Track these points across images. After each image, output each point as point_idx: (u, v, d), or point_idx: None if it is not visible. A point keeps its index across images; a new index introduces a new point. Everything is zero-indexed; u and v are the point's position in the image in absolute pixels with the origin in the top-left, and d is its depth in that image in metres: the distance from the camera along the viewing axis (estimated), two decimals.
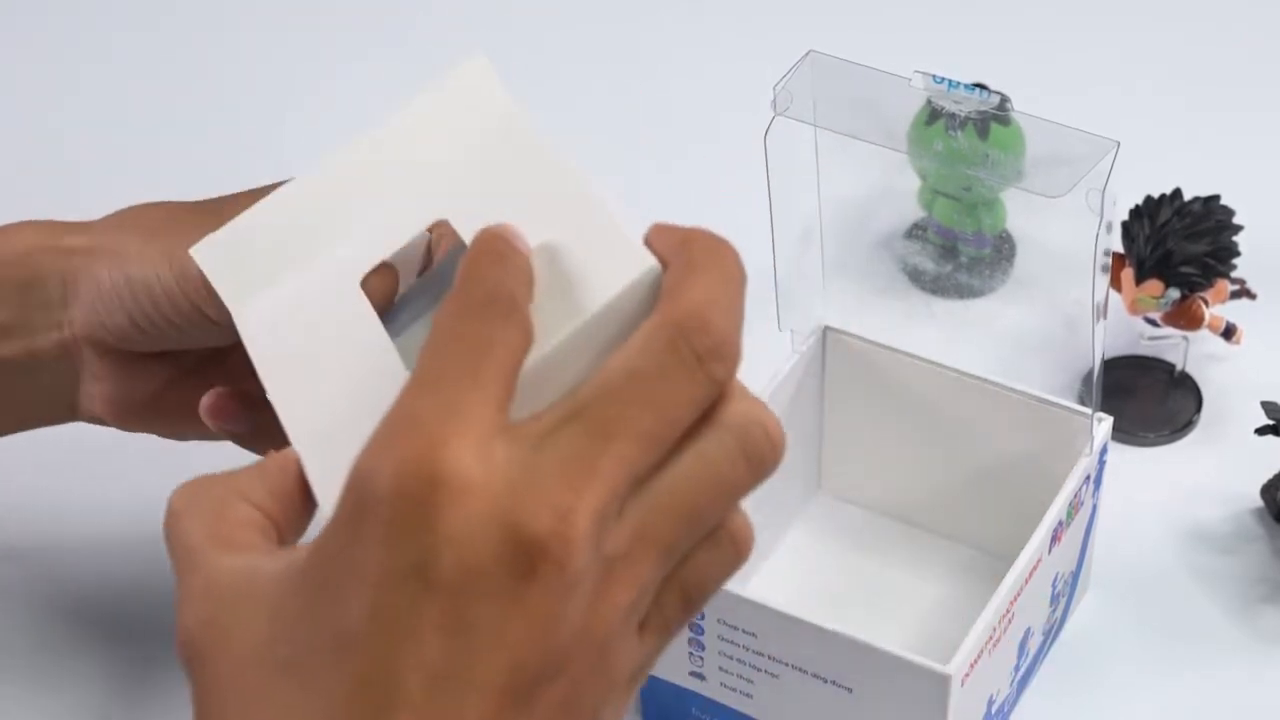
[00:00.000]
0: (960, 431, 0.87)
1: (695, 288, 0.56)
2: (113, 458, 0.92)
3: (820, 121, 0.81)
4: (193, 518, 0.59)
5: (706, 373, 0.55)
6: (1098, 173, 0.76)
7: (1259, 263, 0.97)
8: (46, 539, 0.92)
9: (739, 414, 0.56)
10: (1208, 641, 0.88)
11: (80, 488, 0.94)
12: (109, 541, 0.92)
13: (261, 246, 0.69)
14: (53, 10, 1.21)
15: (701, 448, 0.55)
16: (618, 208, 0.63)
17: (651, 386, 0.54)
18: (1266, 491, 0.92)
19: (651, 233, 0.60)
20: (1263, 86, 1.15)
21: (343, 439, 0.59)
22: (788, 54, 0.82)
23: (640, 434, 0.54)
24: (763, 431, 0.56)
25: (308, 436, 0.62)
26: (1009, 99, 0.84)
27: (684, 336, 0.55)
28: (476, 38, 1.19)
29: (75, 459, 0.93)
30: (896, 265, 1.01)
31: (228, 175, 1.10)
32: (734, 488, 0.56)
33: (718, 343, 0.55)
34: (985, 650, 0.78)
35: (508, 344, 0.55)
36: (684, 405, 0.55)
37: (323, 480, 0.61)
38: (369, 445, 0.54)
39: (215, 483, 0.60)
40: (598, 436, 0.54)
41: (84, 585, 0.90)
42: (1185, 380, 0.98)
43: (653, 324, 0.56)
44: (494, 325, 0.55)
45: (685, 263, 0.58)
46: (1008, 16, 1.19)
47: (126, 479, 0.93)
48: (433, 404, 0.53)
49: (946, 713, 0.77)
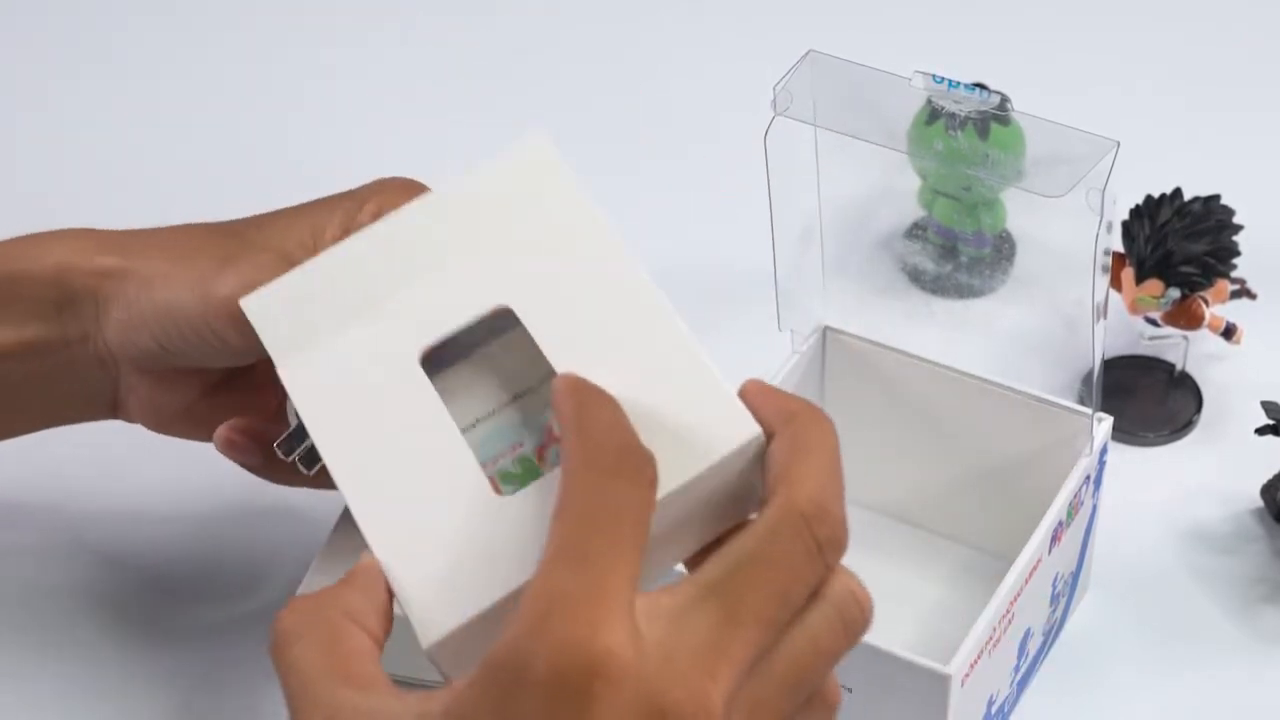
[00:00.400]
0: (960, 431, 0.87)
1: (811, 472, 0.60)
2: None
3: (820, 121, 0.81)
4: (307, 645, 0.60)
5: (825, 560, 0.60)
6: (1098, 173, 0.76)
7: (1259, 263, 0.97)
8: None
9: (839, 589, 0.60)
10: (1208, 641, 0.88)
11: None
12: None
13: (314, 305, 0.68)
14: (52, 10, 1.21)
15: (808, 622, 0.60)
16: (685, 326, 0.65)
17: (778, 573, 0.59)
18: (1266, 491, 0.92)
19: (751, 393, 0.63)
20: (1263, 86, 1.15)
21: (425, 547, 0.61)
22: (788, 54, 0.82)
23: (766, 619, 0.59)
24: (857, 603, 0.61)
25: (391, 545, 0.63)
26: (1009, 99, 0.84)
27: (808, 525, 0.59)
28: (477, 37, 1.19)
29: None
30: (896, 265, 1.01)
31: (228, 175, 1.11)
32: (833, 656, 0.61)
33: (837, 533, 0.60)
34: (985, 650, 0.78)
35: (643, 507, 0.59)
36: (804, 590, 0.60)
37: (410, 590, 0.62)
38: (521, 621, 0.56)
39: (325, 605, 0.61)
40: (729, 621, 0.58)
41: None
42: (1185, 380, 0.98)
43: (778, 511, 0.60)
44: (629, 489, 0.59)
45: (794, 441, 0.62)
46: (1008, 16, 1.19)
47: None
48: (582, 582, 0.56)
49: (947, 713, 0.77)
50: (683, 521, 0.62)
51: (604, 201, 1.08)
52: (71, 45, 1.20)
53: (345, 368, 0.66)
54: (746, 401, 0.63)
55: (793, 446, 0.61)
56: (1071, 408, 0.84)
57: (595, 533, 0.57)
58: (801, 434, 0.62)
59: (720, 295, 1.02)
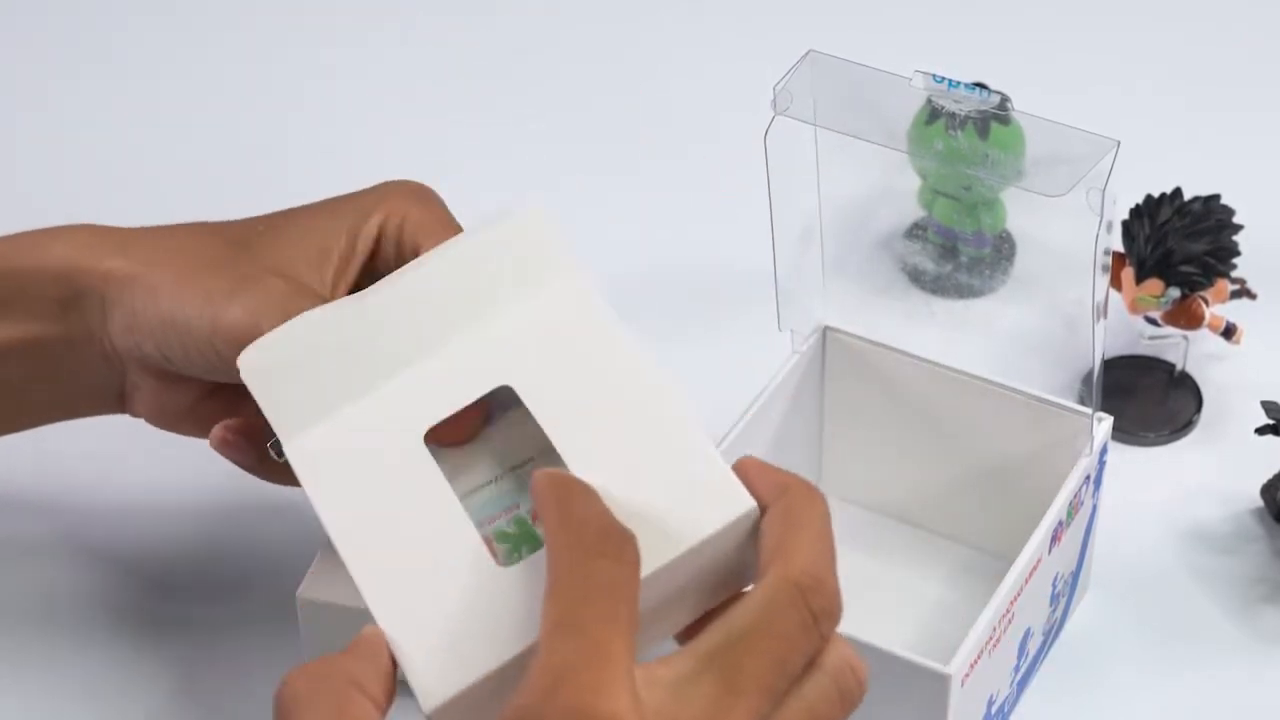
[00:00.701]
0: (960, 431, 0.87)
1: (804, 545, 0.62)
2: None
3: (820, 121, 0.81)
4: (313, 710, 0.62)
5: (820, 630, 0.62)
6: (1098, 172, 0.76)
7: (1259, 263, 0.97)
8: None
9: (835, 658, 0.62)
10: (1208, 641, 0.88)
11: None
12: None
13: (316, 372, 0.70)
14: (53, 10, 1.21)
15: (805, 692, 0.62)
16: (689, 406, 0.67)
17: (775, 643, 0.61)
18: (1266, 491, 0.92)
19: (745, 468, 0.65)
20: (1263, 86, 1.15)
21: (425, 616, 0.63)
22: (788, 54, 0.82)
23: (765, 688, 0.60)
24: (852, 672, 0.63)
25: (394, 614, 0.65)
26: (1009, 99, 0.84)
27: (803, 596, 0.61)
28: (477, 37, 1.19)
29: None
30: (896, 265, 1.00)
31: (228, 175, 1.10)
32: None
33: (831, 604, 0.62)
34: (985, 650, 0.78)
35: (631, 581, 0.61)
36: (801, 660, 0.62)
37: (410, 657, 0.64)
38: (530, 690, 0.58)
39: (331, 671, 0.63)
40: (729, 690, 0.60)
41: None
42: (1185, 380, 0.98)
43: (774, 582, 0.62)
44: (614, 567, 0.61)
45: (788, 514, 0.63)
46: (1008, 16, 1.19)
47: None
48: (583, 652, 0.59)
49: (947, 712, 0.77)
50: (680, 592, 0.64)
51: (604, 201, 1.08)
52: (72, 45, 1.20)
53: (348, 442, 0.68)
54: (740, 475, 0.65)
55: (786, 520, 0.63)
56: (1071, 408, 0.84)
57: (588, 606, 0.60)
58: (794, 507, 0.64)
59: (720, 295, 1.02)
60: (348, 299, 0.71)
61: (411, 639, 0.64)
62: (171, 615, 0.89)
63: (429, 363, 0.69)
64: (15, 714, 0.86)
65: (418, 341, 0.69)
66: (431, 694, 0.63)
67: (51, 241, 0.81)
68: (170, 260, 0.79)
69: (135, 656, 0.87)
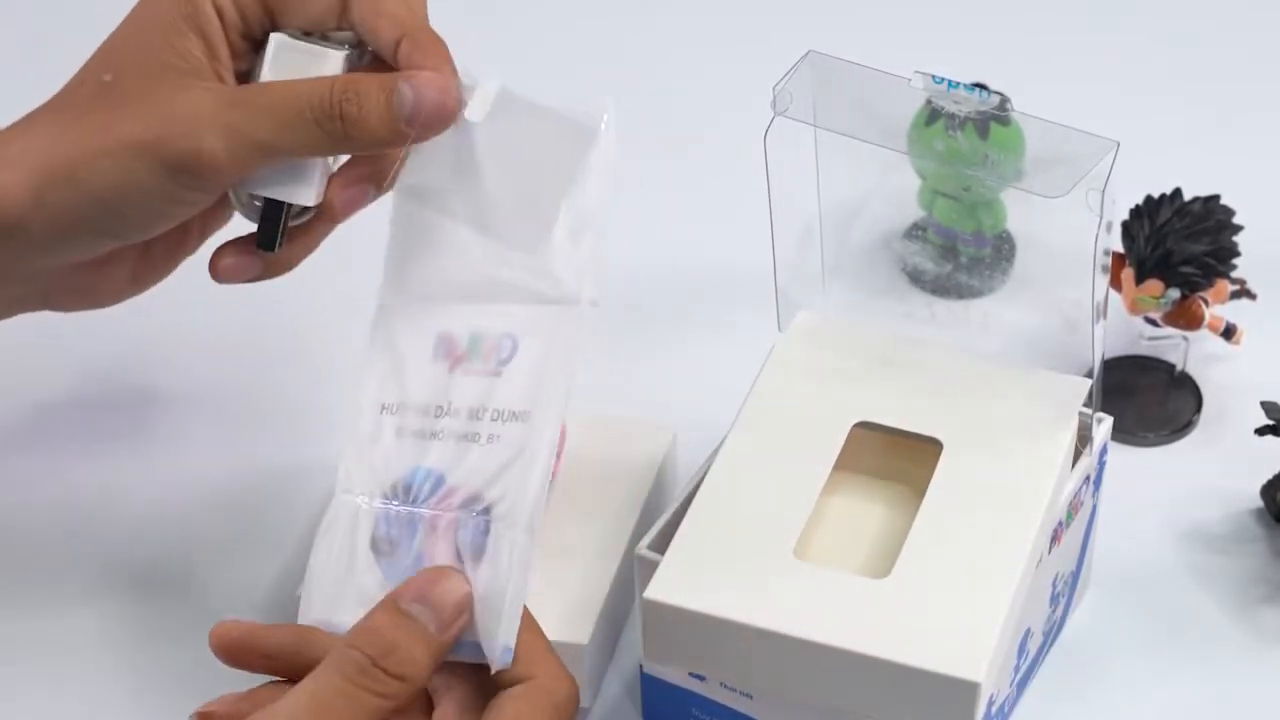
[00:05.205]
0: None
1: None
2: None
3: (820, 121, 0.81)
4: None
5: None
6: (1098, 173, 0.76)
7: (1259, 263, 0.97)
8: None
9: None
10: (1208, 641, 0.88)
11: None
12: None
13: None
14: (53, 10, 1.21)
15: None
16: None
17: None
18: (1266, 491, 0.92)
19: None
20: (1263, 86, 1.15)
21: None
22: (788, 54, 0.82)
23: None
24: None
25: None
26: (1009, 99, 0.84)
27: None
28: (477, 36, 1.18)
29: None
30: (896, 265, 1.00)
31: None
32: None
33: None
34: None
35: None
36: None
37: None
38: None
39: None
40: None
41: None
42: (1185, 380, 0.98)
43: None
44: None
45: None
46: (1008, 16, 1.19)
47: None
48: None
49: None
50: None
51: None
52: (72, 45, 1.19)
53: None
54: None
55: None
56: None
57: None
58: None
59: (720, 295, 1.02)
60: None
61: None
62: (171, 615, 0.89)
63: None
64: (15, 714, 0.86)
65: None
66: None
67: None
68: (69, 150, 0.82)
69: (134, 656, 0.87)
